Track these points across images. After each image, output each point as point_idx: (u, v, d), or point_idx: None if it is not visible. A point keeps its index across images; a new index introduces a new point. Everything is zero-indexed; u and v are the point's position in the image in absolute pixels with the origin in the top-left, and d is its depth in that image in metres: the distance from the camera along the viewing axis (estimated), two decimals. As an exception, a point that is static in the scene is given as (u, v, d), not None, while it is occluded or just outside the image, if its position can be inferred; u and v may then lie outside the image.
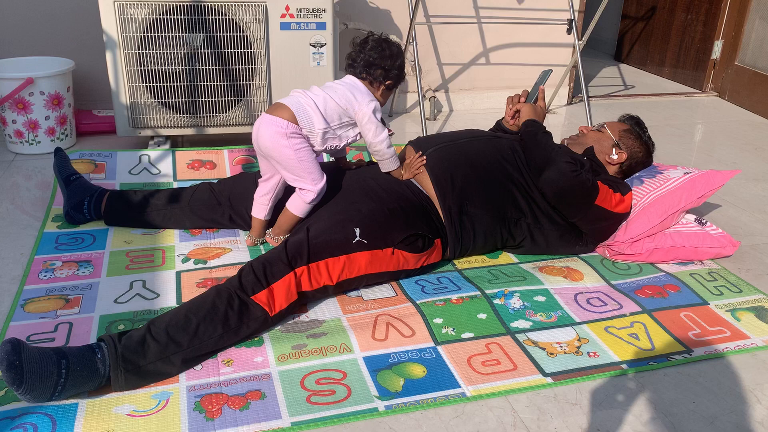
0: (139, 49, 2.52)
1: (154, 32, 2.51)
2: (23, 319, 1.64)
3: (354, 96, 1.85)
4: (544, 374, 1.52)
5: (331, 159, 2.56)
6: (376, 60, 1.87)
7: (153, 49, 2.53)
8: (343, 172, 2.03)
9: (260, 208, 1.98)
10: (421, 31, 3.38)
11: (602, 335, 1.66)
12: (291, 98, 1.85)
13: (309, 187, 1.85)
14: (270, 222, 2.02)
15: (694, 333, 1.69)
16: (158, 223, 2.10)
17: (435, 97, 3.44)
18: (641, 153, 2.17)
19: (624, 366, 1.56)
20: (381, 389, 1.45)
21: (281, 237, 1.94)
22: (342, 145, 1.92)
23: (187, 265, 1.92)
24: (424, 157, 1.96)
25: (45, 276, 1.84)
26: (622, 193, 2.00)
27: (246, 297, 1.58)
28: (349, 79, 1.91)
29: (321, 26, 2.66)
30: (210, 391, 1.42)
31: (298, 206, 1.89)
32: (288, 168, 1.84)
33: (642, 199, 2.03)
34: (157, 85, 2.59)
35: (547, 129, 2.05)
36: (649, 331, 1.69)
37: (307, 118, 1.81)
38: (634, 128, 2.19)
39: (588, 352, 1.60)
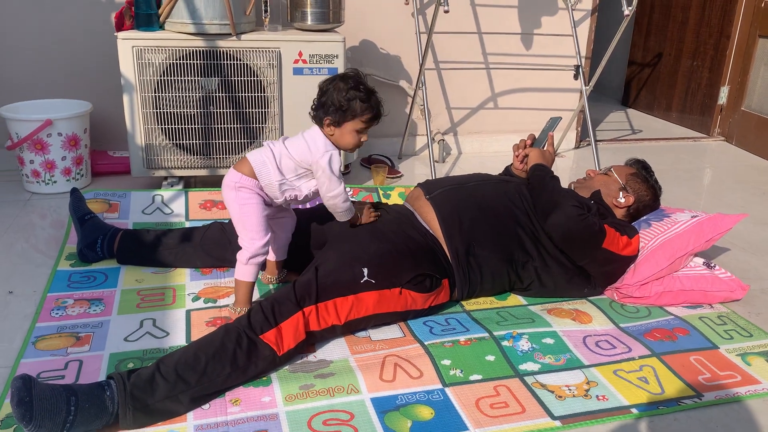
0: (155, 92, 2.59)
1: (171, 76, 2.58)
2: (34, 357, 1.65)
3: (309, 147, 1.78)
4: (553, 417, 1.51)
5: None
6: (316, 101, 1.81)
7: (169, 93, 2.60)
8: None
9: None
10: (430, 76, 3.46)
11: (611, 378, 1.66)
12: (256, 152, 1.83)
13: (245, 244, 1.78)
14: (286, 262, 2.04)
15: (704, 377, 1.68)
16: (170, 262, 2.13)
17: (444, 140, 3.49)
18: (648, 196, 2.18)
19: (633, 410, 1.55)
20: (388, 431, 1.44)
21: (240, 309, 1.79)
22: (302, 195, 1.83)
23: (197, 303, 1.94)
24: (377, 214, 1.98)
25: (57, 314, 1.85)
26: (629, 236, 2.01)
27: (254, 336, 1.59)
28: (312, 129, 1.84)
29: (332, 71, 2.72)
30: (217, 431, 1.42)
31: (238, 269, 1.80)
32: (234, 220, 1.82)
33: (650, 242, 2.04)
34: (172, 127, 2.65)
35: (554, 174, 2.08)
36: (658, 374, 1.68)
37: (265, 171, 1.78)
38: (641, 172, 2.22)
39: (597, 396, 1.59)
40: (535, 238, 1.98)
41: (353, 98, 1.75)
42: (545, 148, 2.21)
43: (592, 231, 1.91)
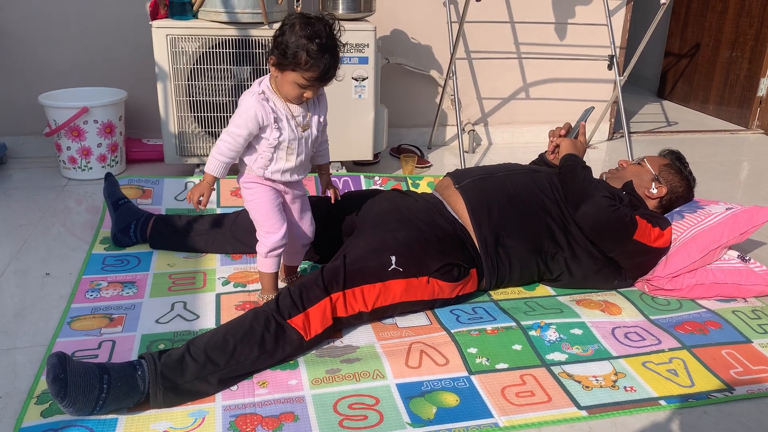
0: (188, 81, 2.62)
1: (204, 65, 2.61)
2: (69, 336, 1.70)
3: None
4: (579, 407, 1.50)
5: (373, 187, 2.60)
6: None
7: (202, 81, 2.63)
8: (380, 200, 2.06)
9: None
10: (461, 66, 3.44)
11: (640, 370, 1.64)
12: None
13: (261, 239, 1.77)
14: (316, 248, 2.04)
15: (736, 371, 1.65)
16: (201, 247, 2.16)
17: (474, 131, 3.47)
18: (682, 188, 2.15)
19: (662, 402, 1.53)
20: (413, 416, 1.45)
21: (267, 296, 1.82)
22: (261, 156, 1.69)
23: (227, 288, 1.97)
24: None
25: (91, 295, 1.90)
26: (661, 227, 1.98)
27: (282, 320, 1.61)
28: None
29: (363, 60, 2.73)
30: (245, 412, 1.44)
31: (258, 261, 1.81)
32: (251, 218, 1.81)
33: (682, 234, 2.01)
34: (204, 116, 2.68)
35: (586, 164, 2.06)
36: (688, 367, 1.66)
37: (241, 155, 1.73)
38: (675, 163, 2.18)
39: (625, 387, 1.57)
40: (564, 229, 1.97)
41: (301, 48, 1.55)
42: (577, 138, 2.18)
43: (623, 222, 1.89)
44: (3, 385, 1.52)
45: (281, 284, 1.91)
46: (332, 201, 1.91)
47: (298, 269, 2.00)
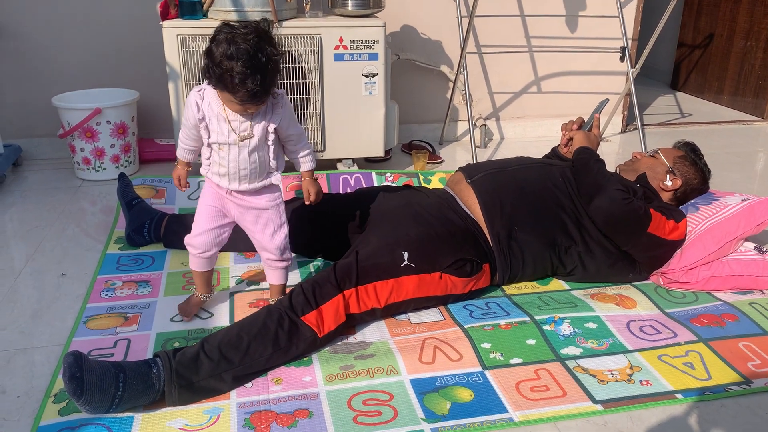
0: (200, 81, 2.63)
1: (214, 64, 2.61)
2: (85, 335, 1.71)
3: None
4: (595, 401, 1.49)
5: (385, 183, 2.60)
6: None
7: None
8: (391, 196, 2.06)
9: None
10: (472, 60, 3.42)
11: (655, 364, 1.62)
12: None
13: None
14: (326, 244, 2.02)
15: (753, 364, 1.63)
16: (214, 245, 2.17)
17: (486, 125, 3.46)
18: (696, 180, 2.12)
19: (679, 396, 1.52)
20: (427, 412, 1.45)
21: (199, 294, 1.83)
22: (204, 153, 1.66)
23: (241, 286, 1.98)
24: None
25: (106, 295, 1.92)
26: (675, 220, 1.96)
27: (296, 317, 1.61)
28: None
29: (373, 57, 2.72)
30: (259, 409, 1.45)
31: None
32: None
33: (697, 226, 1.99)
34: (215, 115, 2.69)
35: (600, 157, 2.04)
36: (705, 360, 1.64)
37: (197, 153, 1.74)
38: (690, 154, 2.16)
39: (640, 381, 1.56)
40: (578, 222, 1.95)
41: (225, 70, 1.44)
42: (591, 131, 2.17)
43: (636, 215, 1.87)
44: (21, 384, 1.54)
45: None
46: (305, 202, 1.79)
47: (285, 289, 1.83)
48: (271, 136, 1.62)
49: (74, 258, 2.16)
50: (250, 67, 1.44)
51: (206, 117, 1.58)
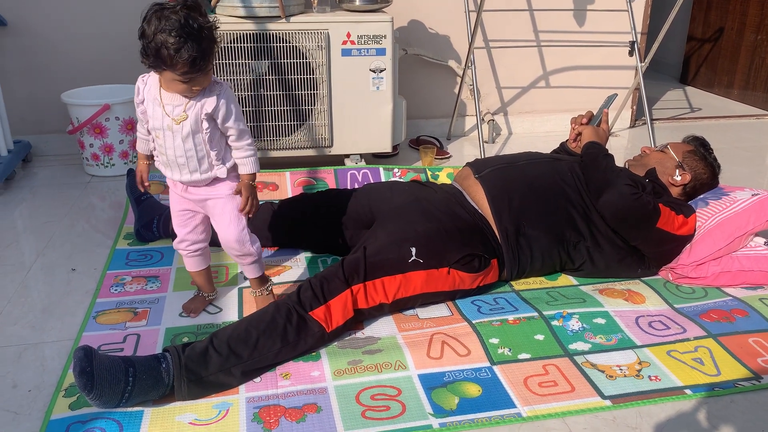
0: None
1: (222, 60, 2.62)
2: (95, 330, 1.72)
3: None
4: (603, 397, 1.49)
5: (393, 178, 2.59)
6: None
7: (220, 76, 2.65)
8: (399, 192, 2.06)
9: None
10: (480, 55, 3.41)
11: (664, 359, 1.62)
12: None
13: None
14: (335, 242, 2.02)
15: (763, 359, 1.62)
16: (222, 241, 2.17)
17: (494, 120, 3.45)
18: (706, 174, 2.11)
19: (688, 391, 1.51)
20: (435, 407, 1.45)
21: (203, 294, 1.84)
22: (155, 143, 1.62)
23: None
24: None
25: (116, 290, 1.93)
26: (685, 215, 1.95)
27: (304, 312, 1.61)
28: None
29: (381, 52, 2.72)
30: (268, 403, 1.46)
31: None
32: None
33: (707, 222, 1.98)
34: (223, 110, 2.69)
35: (608, 152, 2.03)
36: (714, 356, 1.63)
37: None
38: (699, 149, 2.14)
39: (649, 376, 1.56)
40: (586, 218, 1.95)
41: (159, 44, 1.43)
42: (599, 126, 2.16)
43: (645, 210, 1.86)
44: (32, 378, 1.55)
45: (252, 298, 1.84)
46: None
47: (268, 280, 1.83)
48: (205, 124, 1.55)
49: (84, 253, 2.17)
50: (183, 35, 1.42)
51: (145, 101, 1.58)
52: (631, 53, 3.29)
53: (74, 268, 2.08)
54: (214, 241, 1.78)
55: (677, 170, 2.09)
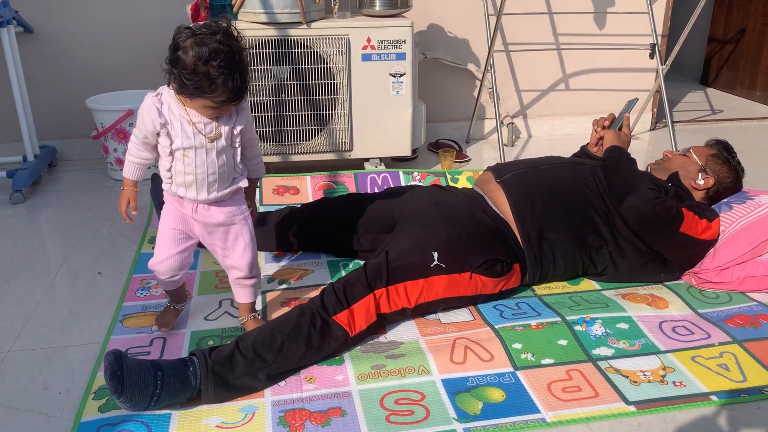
0: (229, 82, 2.66)
1: (244, 65, 2.65)
2: (122, 333, 1.75)
3: None
4: (627, 402, 1.49)
5: (412, 182, 2.60)
6: (169, 50, 1.48)
7: (242, 81, 2.67)
8: (420, 196, 2.07)
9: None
10: (499, 59, 3.41)
11: (689, 365, 1.61)
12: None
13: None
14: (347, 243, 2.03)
15: (789, 366, 1.61)
16: (245, 245, 2.19)
17: (513, 123, 3.45)
18: (729, 178, 2.10)
19: (713, 397, 1.51)
20: (459, 412, 1.46)
21: (173, 305, 1.79)
22: (163, 166, 1.62)
23: (272, 285, 2.00)
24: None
25: (141, 293, 1.95)
26: (708, 219, 1.94)
27: (327, 317, 1.63)
28: None
29: (401, 56, 2.73)
30: (293, 407, 1.47)
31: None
32: None
33: (731, 226, 1.96)
34: (245, 115, 2.72)
35: (631, 156, 2.03)
36: (740, 362, 1.62)
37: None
38: (722, 153, 2.13)
39: (674, 382, 1.55)
40: (609, 222, 1.94)
41: (200, 75, 1.39)
42: (621, 130, 2.15)
43: (669, 215, 1.86)
44: (62, 381, 1.58)
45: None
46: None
47: (255, 306, 1.77)
48: (238, 138, 1.56)
49: (109, 257, 2.21)
50: (228, 66, 1.39)
51: (168, 122, 1.51)
52: (651, 56, 3.27)
53: (101, 271, 2.11)
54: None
55: (700, 174, 2.08)
